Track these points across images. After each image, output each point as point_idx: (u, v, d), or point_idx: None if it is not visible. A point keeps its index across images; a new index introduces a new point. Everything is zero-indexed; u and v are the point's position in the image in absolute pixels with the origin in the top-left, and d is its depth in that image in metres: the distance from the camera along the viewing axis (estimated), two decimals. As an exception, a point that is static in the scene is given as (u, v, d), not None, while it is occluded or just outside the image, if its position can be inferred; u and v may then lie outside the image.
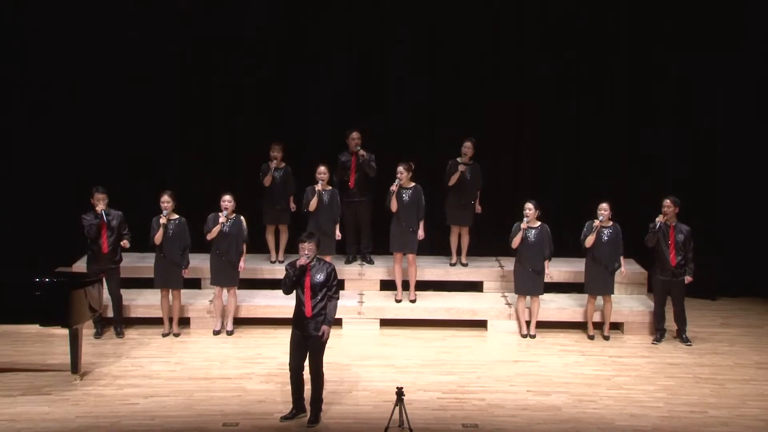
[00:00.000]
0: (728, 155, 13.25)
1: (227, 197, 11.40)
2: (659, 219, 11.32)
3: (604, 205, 11.38)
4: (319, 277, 9.03)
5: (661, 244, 11.34)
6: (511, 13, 13.33)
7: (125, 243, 11.31)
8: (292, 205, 12.54)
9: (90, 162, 13.05)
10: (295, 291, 9.05)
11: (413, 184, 11.87)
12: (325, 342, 9.06)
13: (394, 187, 11.79)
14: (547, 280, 11.57)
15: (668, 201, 11.34)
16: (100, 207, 11.17)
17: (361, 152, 12.36)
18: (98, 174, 12.20)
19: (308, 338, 9.04)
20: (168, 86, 13.26)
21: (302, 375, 9.14)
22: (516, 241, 11.38)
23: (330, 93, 13.41)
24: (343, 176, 12.49)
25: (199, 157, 13.46)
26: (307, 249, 8.97)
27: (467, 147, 12.43)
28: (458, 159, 12.47)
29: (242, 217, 11.52)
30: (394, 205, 11.81)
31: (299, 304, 9.07)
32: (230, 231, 11.40)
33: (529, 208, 11.36)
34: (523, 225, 11.35)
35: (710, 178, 13.28)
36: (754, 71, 13.14)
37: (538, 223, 11.43)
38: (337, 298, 9.13)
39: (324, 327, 8.97)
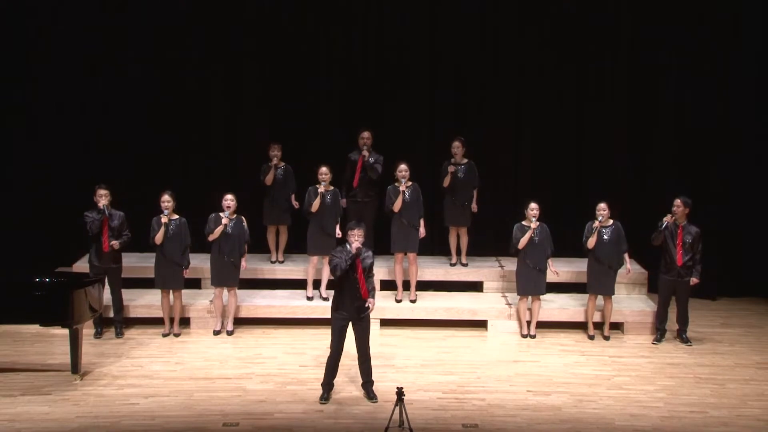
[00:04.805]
0: (728, 154, 13.24)
1: (230, 196, 11.38)
2: (667, 219, 11.31)
3: (603, 205, 11.39)
4: (367, 261, 9.64)
5: (669, 244, 11.33)
6: (512, 12, 13.33)
7: (115, 244, 11.20)
8: (294, 203, 12.52)
9: (91, 162, 13.06)
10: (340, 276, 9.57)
11: (411, 182, 11.88)
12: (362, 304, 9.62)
13: (403, 187, 11.79)
14: (554, 277, 11.57)
15: (678, 201, 11.32)
16: (103, 203, 11.17)
17: (364, 153, 12.35)
18: (99, 174, 12.19)
19: (355, 323, 9.57)
20: (168, 86, 13.26)
21: (339, 362, 9.68)
22: (524, 242, 11.34)
23: (330, 93, 13.42)
24: (351, 175, 12.48)
25: (199, 157, 13.47)
26: (357, 235, 9.49)
27: (456, 147, 12.42)
28: (451, 160, 12.48)
29: (243, 217, 11.51)
30: (398, 205, 11.81)
31: (348, 289, 9.52)
32: (233, 231, 11.38)
33: (536, 207, 11.33)
34: (534, 225, 11.32)
35: (710, 178, 13.27)
36: (754, 70, 13.14)
37: (538, 222, 11.43)
38: (373, 276, 9.85)
39: (371, 300, 9.60)
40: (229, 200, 11.36)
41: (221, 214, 11.37)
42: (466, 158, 12.50)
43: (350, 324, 9.60)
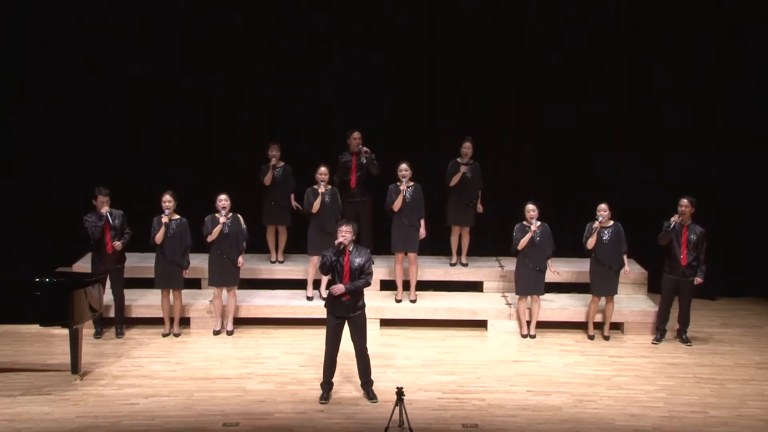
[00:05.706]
0: (728, 154, 13.23)
1: (223, 197, 11.40)
2: (674, 219, 11.29)
3: (603, 206, 11.38)
4: (359, 261, 9.53)
5: (674, 243, 11.31)
6: (512, 12, 13.32)
7: (117, 245, 11.21)
8: (294, 204, 12.54)
9: (90, 162, 13.06)
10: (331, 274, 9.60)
11: (412, 182, 11.88)
12: (339, 297, 9.46)
13: (403, 186, 11.79)
14: (555, 277, 11.57)
15: (685, 201, 11.30)
16: (105, 209, 11.17)
17: (365, 149, 12.35)
18: (98, 174, 12.20)
19: (349, 321, 9.57)
20: (167, 86, 13.26)
21: (336, 361, 9.62)
22: (524, 243, 11.33)
23: (330, 92, 13.42)
24: (344, 176, 12.47)
25: (199, 157, 13.48)
26: (344, 231, 9.48)
27: (467, 147, 12.43)
28: (458, 159, 12.47)
29: (239, 216, 11.52)
30: (398, 204, 11.81)
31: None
32: (230, 231, 11.39)
33: (534, 209, 11.32)
34: (534, 227, 11.30)
35: (710, 178, 13.27)
36: (755, 69, 13.14)
37: (538, 222, 11.42)
38: (369, 282, 9.63)
39: (341, 286, 9.43)
40: (223, 200, 11.38)
41: (216, 215, 11.38)
42: (473, 159, 12.51)
43: (346, 323, 9.61)
